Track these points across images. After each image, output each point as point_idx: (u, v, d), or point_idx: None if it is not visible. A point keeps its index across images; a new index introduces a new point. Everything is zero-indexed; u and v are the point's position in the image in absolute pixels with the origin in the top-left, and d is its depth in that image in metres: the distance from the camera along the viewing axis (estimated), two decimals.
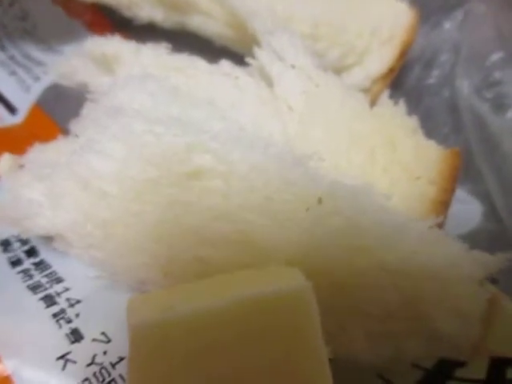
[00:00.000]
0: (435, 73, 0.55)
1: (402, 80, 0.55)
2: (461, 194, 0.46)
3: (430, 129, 0.47)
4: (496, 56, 0.51)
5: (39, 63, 0.47)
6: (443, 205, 0.36)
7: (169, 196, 0.28)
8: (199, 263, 0.27)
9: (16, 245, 0.35)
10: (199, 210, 0.27)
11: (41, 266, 0.33)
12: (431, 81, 0.55)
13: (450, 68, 0.54)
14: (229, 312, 0.20)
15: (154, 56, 0.37)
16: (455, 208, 0.43)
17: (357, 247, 0.26)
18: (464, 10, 0.56)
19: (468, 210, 0.46)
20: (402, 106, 0.41)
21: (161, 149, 0.27)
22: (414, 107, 0.52)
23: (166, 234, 0.28)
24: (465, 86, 0.50)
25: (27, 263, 0.33)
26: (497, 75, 0.50)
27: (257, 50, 0.40)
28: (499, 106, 0.48)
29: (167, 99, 0.32)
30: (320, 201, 0.26)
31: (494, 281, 0.36)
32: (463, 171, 0.46)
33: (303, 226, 0.26)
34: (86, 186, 0.29)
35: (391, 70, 0.49)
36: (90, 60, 0.39)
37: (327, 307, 0.27)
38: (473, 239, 0.44)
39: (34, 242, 0.35)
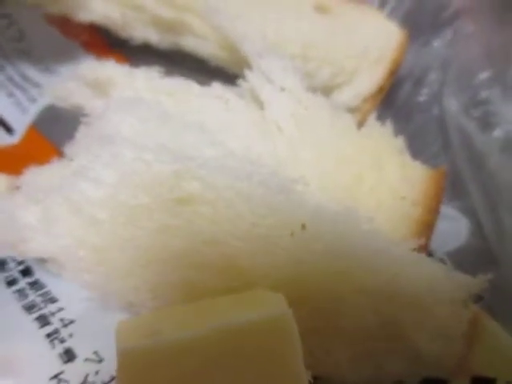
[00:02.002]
0: (425, 90, 0.56)
1: (392, 97, 0.56)
2: (449, 210, 0.47)
3: (419, 146, 0.48)
4: (483, 75, 0.52)
5: (36, 84, 0.48)
6: (427, 225, 0.36)
7: (158, 221, 0.29)
8: (187, 286, 0.28)
9: (12, 265, 0.35)
10: (188, 235, 0.28)
11: (36, 285, 0.34)
12: (421, 98, 0.56)
13: (438, 86, 0.55)
14: (213, 338, 0.21)
15: (147, 79, 0.38)
16: (443, 225, 0.44)
17: (338, 272, 0.27)
18: (453, 29, 0.57)
19: (456, 226, 0.47)
20: (389, 126, 0.42)
21: (150, 176, 0.28)
22: (404, 125, 0.53)
23: (156, 258, 0.29)
24: (453, 104, 0.52)
25: (22, 283, 0.34)
26: (484, 94, 0.51)
27: (247, 73, 0.41)
28: (486, 124, 0.49)
29: (157, 124, 0.33)
30: (304, 227, 0.27)
31: (478, 298, 0.37)
32: (451, 188, 0.47)
33: (288, 252, 0.27)
34: (78, 211, 0.29)
35: (381, 89, 0.50)
36: (85, 83, 0.40)
37: (311, 330, 0.28)
38: (460, 256, 0.45)
39: (29, 262, 0.36)
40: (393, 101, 0.56)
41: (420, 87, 0.56)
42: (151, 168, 0.28)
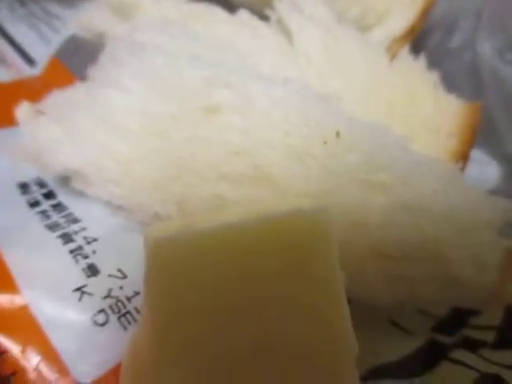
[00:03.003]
0: (457, 37, 0.54)
1: (422, 44, 0.54)
2: (479, 155, 0.46)
3: (450, 92, 0.46)
4: None
5: (59, 17, 0.47)
6: (462, 157, 0.35)
7: (187, 132, 0.28)
8: (216, 199, 0.27)
9: (34, 188, 0.35)
10: (217, 146, 0.27)
11: (58, 207, 0.34)
12: (453, 45, 0.54)
13: (471, 31, 0.53)
14: (249, 230, 0.20)
15: (174, 4, 0.37)
16: (473, 168, 0.43)
17: (374, 183, 0.26)
18: None
19: (486, 170, 0.45)
20: (422, 60, 0.40)
21: (179, 83, 0.27)
22: (434, 71, 0.51)
23: (184, 169, 0.28)
24: (487, 48, 0.50)
25: (45, 205, 0.34)
26: None
27: (276, 3, 0.40)
28: None
29: (187, 42, 0.32)
30: (338, 134, 0.26)
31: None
32: (483, 133, 0.45)
33: (321, 161, 0.26)
34: (104, 121, 0.29)
35: (412, 30, 0.48)
36: (109, 9, 0.39)
37: (344, 245, 0.27)
38: None
39: (52, 186, 0.35)
40: (424, 47, 0.54)
41: (452, 34, 0.54)
42: (181, 75, 0.27)
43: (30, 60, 0.44)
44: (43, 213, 0.33)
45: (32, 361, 0.27)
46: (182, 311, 0.21)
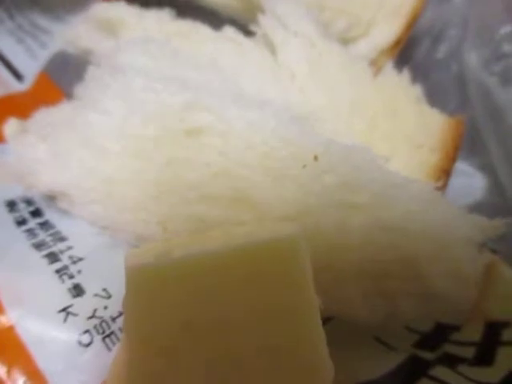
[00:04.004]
0: (443, 47, 0.54)
1: (409, 55, 0.54)
2: (465, 167, 0.46)
3: (436, 103, 0.47)
4: (505, 29, 0.50)
5: (46, 31, 0.47)
6: (444, 173, 0.35)
7: (168, 153, 0.28)
8: (197, 220, 0.28)
9: (21, 206, 0.35)
10: (197, 168, 0.28)
11: (45, 226, 0.34)
12: (439, 56, 0.55)
13: (458, 42, 0.53)
14: (223, 257, 0.21)
15: (158, 21, 0.38)
16: (458, 181, 0.43)
17: (352, 205, 0.26)
18: None
19: (471, 183, 0.46)
20: (406, 74, 0.41)
21: (160, 106, 0.28)
22: (421, 82, 0.52)
23: (165, 190, 0.28)
24: (473, 59, 0.50)
25: (32, 223, 0.34)
26: (505, 48, 0.49)
27: (261, 18, 0.40)
28: (507, 79, 0.48)
29: (168, 61, 0.32)
30: (316, 158, 0.26)
31: (493, 252, 0.36)
32: (469, 145, 0.46)
33: (299, 183, 0.27)
34: (87, 142, 0.29)
35: (398, 42, 0.49)
36: (95, 25, 0.40)
37: (324, 265, 0.27)
38: (474, 211, 0.44)
39: (39, 204, 0.35)
40: (410, 58, 0.54)
41: (439, 44, 0.55)
42: (161, 98, 0.28)
43: (18, 75, 0.45)
44: (30, 231, 0.34)
45: (17, 381, 0.27)
46: (154, 338, 0.21)
